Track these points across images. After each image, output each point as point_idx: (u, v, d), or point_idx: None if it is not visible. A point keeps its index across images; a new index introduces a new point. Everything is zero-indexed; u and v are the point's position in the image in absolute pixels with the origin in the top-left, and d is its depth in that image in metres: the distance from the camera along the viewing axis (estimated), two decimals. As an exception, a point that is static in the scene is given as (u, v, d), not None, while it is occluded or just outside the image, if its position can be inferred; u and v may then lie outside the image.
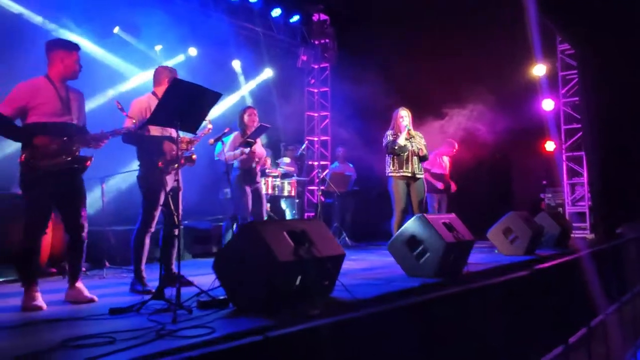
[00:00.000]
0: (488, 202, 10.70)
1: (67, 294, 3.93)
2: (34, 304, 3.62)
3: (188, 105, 3.68)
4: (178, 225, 3.80)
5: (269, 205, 7.82)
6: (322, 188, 9.41)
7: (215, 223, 7.95)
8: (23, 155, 3.75)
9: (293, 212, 8.95)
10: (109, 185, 6.80)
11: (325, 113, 11.83)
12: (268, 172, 7.97)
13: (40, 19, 7.11)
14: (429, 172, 8.56)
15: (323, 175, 9.55)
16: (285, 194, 8.50)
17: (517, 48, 9.32)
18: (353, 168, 10.03)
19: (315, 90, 11.83)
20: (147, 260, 4.51)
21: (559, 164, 10.76)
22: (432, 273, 4.75)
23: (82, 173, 4.00)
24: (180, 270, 3.61)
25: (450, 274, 4.86)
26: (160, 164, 4.21)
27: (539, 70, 10.63)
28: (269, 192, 8.02)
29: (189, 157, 4.38)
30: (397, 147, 6.53)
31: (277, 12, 10.35)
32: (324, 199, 9.68)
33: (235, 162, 6.06)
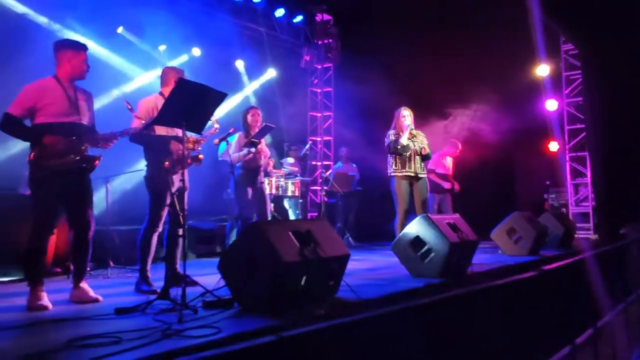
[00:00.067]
0: (491, 202, 10.68)
1: (71, 294, 3.93)
2: (40, 304, 3.63)
3: (193, 105, 3.68)
4: (183, 225, 3.81)
5: (273, 205, 7.82)
6: (325, 188, 9.41)
7: (219, 223, 7.95)
8: (32, 154, 3.77)
9: (297, 212, 8.95)
10: (114, 185, 6.81)
11: (329, 113, 11.83)
12: (272, 172, 7.97)
13: (45, 20, 7.13)
14: (434, 172, 8.55)
15: (326, 175, 9.55)
16: (289, 194, 8.51)
17: (520, 48, 9.30)
18: (356, 168, 10.04)
19: (319, 91, 11.83)
20: (151, 260, 4.51)
21: (563, 165, 10.74)
22: (436, 273, 4.74)
23: (90, 172, 4.01)
24: (185, 270, 3.61)
25: (455, 275, 4.85)
26: (167, 164, 4.21)
27: (543, 71, 10.62)
28: (273, 192, 8.03)
29: (196, 156, 4.38)
30: (399, 146, 6.52)
31: (280, 12, 10.37)
32: (327, 199, 9.68)
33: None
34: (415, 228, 4.98)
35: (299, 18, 10.88)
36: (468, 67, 9.73)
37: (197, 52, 9.16)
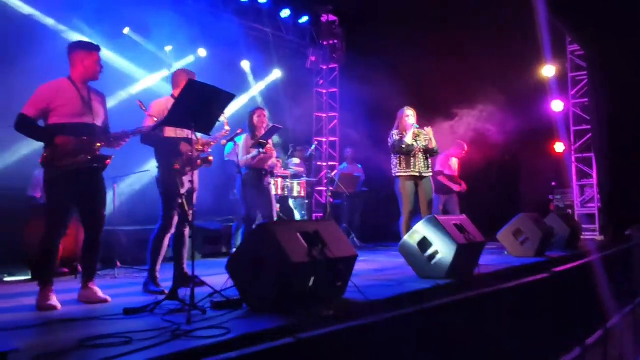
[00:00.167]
0: (496, 202, 10.67)
1: (80, 294, 3.94)
2: (49, 304, 3.64)
3: (202, 106, 3.68)
4: (191, 225, 3.81)
5: (279, 206, 7.83)
6: (330, 189, 9.41)
7: (225, 224, 7.96)
8: (44, 155, 3.78)
9: (302, 212, 8.95)
10: (122, 186, 6.83)
11: (334, 114, 11.84)
12: (277, 173, 7.97)
13: (52, 21, 7.15)
14: (442, 173, 8.54)
15: (332, 176, 9.55)
16: (295, 195, 8.51)
17: (526, 49, 9.29)
18: (361, 169, 10.03)
19: (324, 91, 11.84)
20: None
21: (569, 166, 10.72)
22: (443, 274, 4.73)
23: (101, 172, 4.02)
24: (193, 271, 3.61)
25: (462, 276, 4.84)
26: (177, 166, 4.22)
27: (549, 71, 10.59)
28: (279, 192, 8.03)
29: (205, 158, 4.39)
30: (404, 145, 6.51)
31: (286, 12, 10.37)
32: (333, 200, 9.68)
33: (245, 162, 6.04)
34: (423, 229, 4.97)
35: (305, 19, 10.89)
36: (474, 67, 9.71)
37: (203, 52, 9.16)
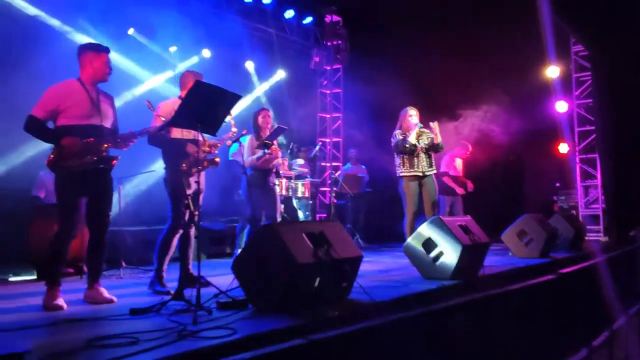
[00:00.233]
0: (500, 203, 10.65)
1: (86, 295, 3.95)
2: (55, 304, 3.66)
3: (208, 107, 3.69)
4: (196, 226, 3.81)
5: (283, 207, 7.83)
6: (334, 189, 9.42)
7: (230, 224, 7.97)
8: (50, 156, 3.80)
9: (306, 213, 8.96)
10: (127, 187, 6.84)
11: (338, 114, 11.84)
12: (283, 173, 7.98)
13: (57, 22, 7.17)
14: (448, 174, 8.54)
15: (335, 177, 9.55)
16: (299, 195, 8.51)
17: (530, 49, 9.27)
18: (365, 169, 10.04)
19: (328, 92, 11.84)
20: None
21: (573, 166, 10.70)
22: (448, 275, 4.73)
23: (109, 173, 4.03)
24: (199, 271, 3.61)
25: (467, 277, 4.84)
26: (184, 167, 4.23)
27: (553, 72, 10.57)
28: (283, 193, 8.02)
29: (212, 159, 4.39)
30: (408, 145, 6.51)
31: (290, 13, 10.39)
32: (337, 201, 9.68)
33: (249, 162, 6.05)
34: (427, 230, 4.97)
35: (309, 19, 10.89)
36: (478, 68, 9.69)
37: (207, 53, 9.18)
